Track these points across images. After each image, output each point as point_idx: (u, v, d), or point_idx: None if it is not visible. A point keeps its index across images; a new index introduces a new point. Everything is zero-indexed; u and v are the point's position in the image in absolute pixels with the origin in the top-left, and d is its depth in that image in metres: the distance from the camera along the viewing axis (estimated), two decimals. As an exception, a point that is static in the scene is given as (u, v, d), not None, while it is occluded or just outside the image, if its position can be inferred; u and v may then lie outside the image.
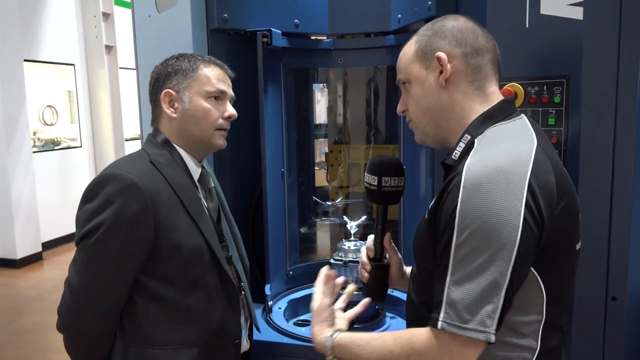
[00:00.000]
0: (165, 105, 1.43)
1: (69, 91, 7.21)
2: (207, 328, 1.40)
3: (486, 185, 0.94)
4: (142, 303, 1.35)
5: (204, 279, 1.40)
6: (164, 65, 1.47)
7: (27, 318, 4.64)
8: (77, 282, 1.31)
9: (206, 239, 1.40)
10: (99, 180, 1.32)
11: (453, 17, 1.15)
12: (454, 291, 0.94)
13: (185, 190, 1.40)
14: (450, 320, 0.94)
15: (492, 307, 0.92)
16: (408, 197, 2.18)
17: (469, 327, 0.92)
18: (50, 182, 6.85)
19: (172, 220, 1.34)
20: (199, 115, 1.42)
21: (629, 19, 1.37)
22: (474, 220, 0.94)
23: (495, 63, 1.14)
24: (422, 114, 1.16)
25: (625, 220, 1.43)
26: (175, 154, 1.44)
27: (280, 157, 2.21)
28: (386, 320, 2.03)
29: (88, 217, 1.30)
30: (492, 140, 1.04)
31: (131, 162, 1.38)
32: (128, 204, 1.27)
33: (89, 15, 7.26)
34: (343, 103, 2.54)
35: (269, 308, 2.05)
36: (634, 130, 1.40)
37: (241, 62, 2.05)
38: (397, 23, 2.03)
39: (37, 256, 6.39)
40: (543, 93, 1.50)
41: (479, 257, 0.93)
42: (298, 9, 2.06)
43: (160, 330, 1.35)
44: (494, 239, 0.92)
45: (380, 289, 1.37)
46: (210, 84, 1.43)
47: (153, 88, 1.47)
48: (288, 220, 2.27)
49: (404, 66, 1.18)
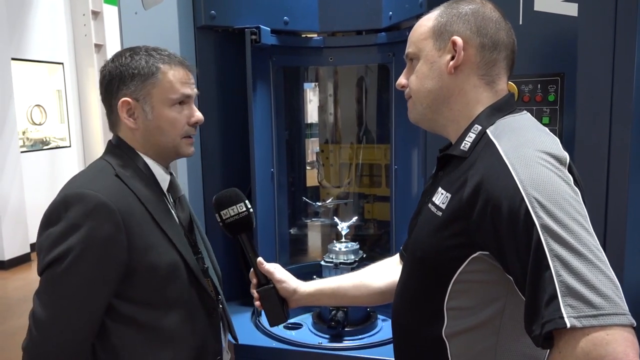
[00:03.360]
0: (123, 115, 1.28)
1: (58, 90, 7.14)
2: (187, 348, 1.31)
3: (539, 164, 0.87)
4: (116, 329, 1.23)
5: (182, 297, 1.30)
6: (116, 65, 1.29)
7: (14, 320, 4.58)
8: (44, 316, 1.16)
9: (182, 255, 1.30)
10: (61, 201, 1.19)
11: (480, 1, 1.08)
12: (568, 277, 0.78)
13: (155, 204, 1.29)
14: (577, 312, 0.77)
15: (615, 283, 0.79)
16: (400, 198, 2.15)
17: (605, 312, 0.76)
18: (39, 183, 6.77)
19: (146, 240, 1.23)
20: (164, 126, 1.29)
21: (625, 15, 1.36)
22: (549, 196, 0.83)
23: (510, 61, 1.09)
24: (424, 96, 1.09)
25: (621, 219, 1.42)
26: (141, 163, 1.31)
27: (269, 157, 2.17)
28: (378, 322, 2.01)
29: (53, 243, 1.16)
30: (514, 129, 0.99)
31: (95, 179, 1.24)
32: (98, 227, 1.16)
33: (78, 14, 7.19)
34: (334, 102, 2.51)
35: (258, 312, 2.01)
36: (629, 129, 1.38)
37: (229, 60, 2.02)
38: (389, 20, 2.00)
39: (25, 257, 6.31)
40: (537, 91, 1.48)
41: (577, 229, 0.81)
42: (287, 6, 2.03)
43: (138, 356, 1.25)
44: (578, 211, 0.84)
45: (274, 310, 1.37)
46: (173, 91, 1.28)
47: (106, 91, 1.31)
48: (278, 221, 2.23)
49: (416, 40, 1.11)
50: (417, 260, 1.09)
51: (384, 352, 1.76)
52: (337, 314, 1.89)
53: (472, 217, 0.93)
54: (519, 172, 0.87)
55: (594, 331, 0.75)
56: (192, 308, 1.33)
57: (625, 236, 1.41)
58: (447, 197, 1.00)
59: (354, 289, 1.39)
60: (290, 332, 1.97)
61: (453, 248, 0.98)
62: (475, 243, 0.95)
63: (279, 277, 1.37)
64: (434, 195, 1.05)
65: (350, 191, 2.53)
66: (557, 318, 0.76)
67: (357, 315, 1.96)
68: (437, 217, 1.02)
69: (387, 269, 1.40)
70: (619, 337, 0.74)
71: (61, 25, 7.08)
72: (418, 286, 1.10)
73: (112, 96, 1.30)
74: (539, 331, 0.80)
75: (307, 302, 1.41)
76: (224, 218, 1.33)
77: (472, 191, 0.93)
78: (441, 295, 1.02)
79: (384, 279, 1.37)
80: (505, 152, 0.92)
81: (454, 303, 1.01)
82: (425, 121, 1.14)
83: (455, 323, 1.02)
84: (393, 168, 2.15)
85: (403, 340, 1.16)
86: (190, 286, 1.32)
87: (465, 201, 0.94)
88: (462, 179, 0.97)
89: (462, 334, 1.02)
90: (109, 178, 1.24)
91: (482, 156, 0.97)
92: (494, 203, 0.88)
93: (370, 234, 2.49)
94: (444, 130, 1.12)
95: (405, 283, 1.15)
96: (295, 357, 1.78)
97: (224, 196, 1.35)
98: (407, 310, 1.13)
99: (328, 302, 1.55)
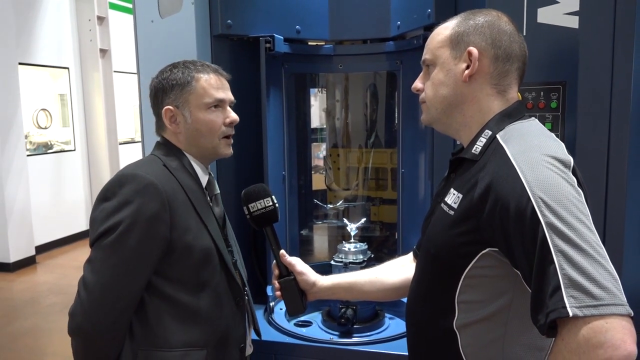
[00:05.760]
0: (167, 121, 1.45)
1: (63, 94, 7.20)
2: (215, 330, 1.42)
3: (545, 167, 0.93)
4: (153, 304, 1.36)
5: (213, 281, 1.42)
6: (159, 79, 1.47)
7: (20, 322, 4.62)
8: (93, 281, 1.29)
9: (215, 242, 1.42)
10: (116, 180, 1.34)
11: (497, 14, 1.13)
12: (570, 270, 0.83)
13: (196, 195, 1.42)
14: (579, 303, 0.82)
15: (614, 277, 0.84)
16: (406, 200, 2.22)
17: (605, 303, 0.81)
18: (44, 186, 6.82)
19: (185, 222, 1.36)
20: (202, 129, 1.44)
21: (623, 27, 1.42)
22: (554, 197, 0.89)
23: (521, 72, 1.14)
24: (439, 101, 1.15)
25: (619, 224, 1.47)
26: (185, 161, 1.46)
27: (281, 161, 2.24)
28: (385, 320, 2.07)
29: (106, 216, 1.30)
30: (522, 134, 1.04)
31: (146, 165, 1.40)
32: (147, 203, 1.29)
33: (84, 19, 7.26)
34: (343, 107, 2.58)
35: (271, 309, 2.07)
36: (627, 135, 1.44)
37: (243, 68, 2.08)
38: (397, 30, 2.07)
39: (31, 260, 6.35)
40: (540, 99, 1.55)
41: (579, 227, 0.87)
42: (299, 16, 2.10)
43: (170, 332, 1.36)
44: (580, 210, 0.89)
45: (294, 301, 1.44)
46: (208, 95, 1.44)
47: (153, 102, 1.49)
48: (289, 223, 2.30)
49: (433, 47, 1.16)
50: (430, 257, 1.15)
51: (392, 347, 1.82)
52: (347, 311, 1.94)
53: (482, 216, 0.98)
54: (526, 174, 0.93)
55: (594, 320, 0.80)
56: (221, 293, 1.44)
57: (623, 235, 1.46)
58: (458, 197, 1.06)
59: (370, 284, 1.46)
60: (301, 328, 2.03)
61: (464, 245, 1.04)
62: (485, 240, 1.01)
63: (300, 269, 1.45)
64: (446, 195, 1.11)
65: (358, 194, 2.60)
66: (561, 308, 0.82)
67: (365, 313, 2.02)
68: (449, 216, 1.07)
69: (401, 266, 1.47)
70: (617, 325, 0.80)
71: (67, 30, 7.15)
72: (431, 281, 1.16)
73: (158, 106, 1.46)
74: (543, 320, 0.85)
75: (325, 295, 1.48)
76: (251, 211, 1.43)
77: (482, 192, 0.99)
78: (452, 289, 1.08)
79: (399, 275, 1.43)
80: (513, 156, 0.98)
81: (464, 297, 1.07)
82: (439, 124, 1.20)
83: (466, 315, 1.08)
84: (400, 171, 2.22)
85: (417, 333, 1.22)
86: (221, 272, 1.44)
87: (476, 201, 1.00)
88: (473, 181, 1.03)
89: (472, 326, 1.07)
90: (158, 167, 1.39)
91: (492, 159, 1.02)
92: (502, 203, 0.94)
93: (376, 236, 2.55)
94: (457, 134, 1.18)
95: (419, 278, 1.22)
96: (307, 352, 1.84)
97: (252, 191, 1.44)
98: (421, 304, 1.19)
99: (344, 295, 1.63)
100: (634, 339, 0.81)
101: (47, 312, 4.84)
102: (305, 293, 1.46)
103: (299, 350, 1.85)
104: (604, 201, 1.48)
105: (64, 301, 4.99)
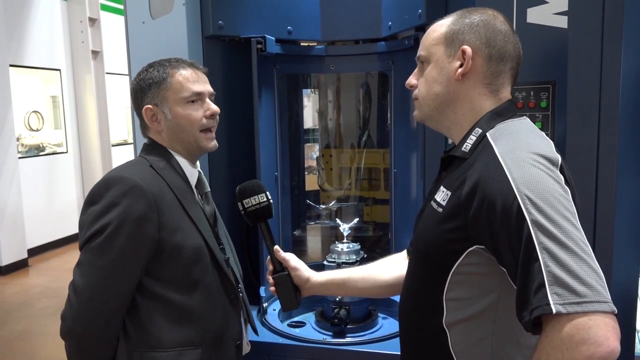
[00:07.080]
0: (148, 121, 1.46)
1: (55, 96, 7.17)
2: (209, 328, 1.42)
3: (532, 165, 0.93)
4: (145, 305, 1.36)
5: (205, 280, 1.42)
6: (137, 80, 1.48)
7: (12, 325, 4.59)
8: (83, 284, 1.30)
9: (205, 240, 1.43)
10: (103, 183, 1.35)
11: (493, 13, 1.13)
12: (555, 268, 0.84)
13: (184, 194, 1.43)
14: (562, 300, 0.82)
15: (599, 274, 0.85)
16: (399, 200, 2.23)
17: (588, 300, 0.82)
18: (36, 188, 6.79)
19: (174, 222, 1.37)
20: (183, 123, 1.45)
21: (611, 27, 1.43)
22: (540, 194, 0.90)
23: (515, 72, 1.14)
24: (432, 99, 1.15)
25: (609, 223, 1.48)
26: (172, 160, 1.47)
27: (273, 162, 2.24)
28: (378, 320, 2.07)
29: (93, 220, 1.31)
30: (511, 132, 1.05)
31: (132, 167, 1.41)
32: (133, 205, 1.30)
33: (75, 21, 7.23)
34: (336, 108, 2.59)
35: (264, 310, 2.07)
36: (616, 134, 1.46)
37: (235, 69, 2.09)
38: (388, 30, 2.08)
39: (23, 263, 6.32)
40: (530, 98, 1.56)
41: (565, 224, 0.87)
42: (291, 16, 2.11)
43: (164, 332, 1.36)
44: (566, 208, 0.90)
45: (288, 296, 1.45)
46: (184, 90, 1.44)
47: (134, 103, 1.50)
48: (282, 223, 2.30)
49: (428, 44, 1.16)
50: (420, 254, 1.16)
51: (385, 347, 1.83)
52: (340, 311, 1.95)
53: (469, 213, 0.99)
54: (512, 172, 0.94)
55: (577, 317, 0.81)
56: (214, 291, 1.44)
57: (613, 234, 1.47)
58: (447, 194, 1.07)
59: (363, 280, 1.47)
60: (294, 329, 2.03)
61: (451, 241, 1.05)
62: (472, 237, 1.01)
63: (294, 265, 1.45)
64: (436, 193, 1.12)
65: (350, 194, 2.60)
66: (544, 305, 0.83)
67: (359, 313, 2.02)
68: (437, 213, 1.09)
69: (394, 263, 1.48)
70: (600, 322, 0.81)
71: (58, 32, 7.12)
72: (421, 278, 1.17)
73: (139, 107, 1.47)
74: (528, 317, 0.86)
75: (319, 291, 1.49)
76: (245, 206, 1.44)
77: (469, 189, 1.00)
78: (441, 286, 1.08)
79: (392, 272, 1.44)
80: (501, 154, 0.99)
81: (452, 294, 1.08)
82: (431, 121, 1.21)
83: (455, 313, 1.08)
84: (392, 171, 2.23)
85: (408, 330, 1.23)
86: (213, 270, 1.44)
87: (463, 199, 1.01)
88: (462, 178, 1.04)
89: (461, 324, 1.08)
90: (145, 168, 1.40)
91: (480, 157, 1.03)
92: (489, 201, 0.95)
93: (369, 236, 2.56)
94: (448, 132, 1.19)
95: (411, 276, 1.23)
96: (300, 352, 1.84)
97: (247, 186, 1.45)
98: (412, 301, 1.20)
99: (338, 292, 1.63)
100: (618, 336, 0.82)
101: (39, 315, 4.81)
102: (299, 289, 1.47)
103: (293, 350, 1.86)
104: (593, 200, 1.49)
105: (57, 304, 4.96)
